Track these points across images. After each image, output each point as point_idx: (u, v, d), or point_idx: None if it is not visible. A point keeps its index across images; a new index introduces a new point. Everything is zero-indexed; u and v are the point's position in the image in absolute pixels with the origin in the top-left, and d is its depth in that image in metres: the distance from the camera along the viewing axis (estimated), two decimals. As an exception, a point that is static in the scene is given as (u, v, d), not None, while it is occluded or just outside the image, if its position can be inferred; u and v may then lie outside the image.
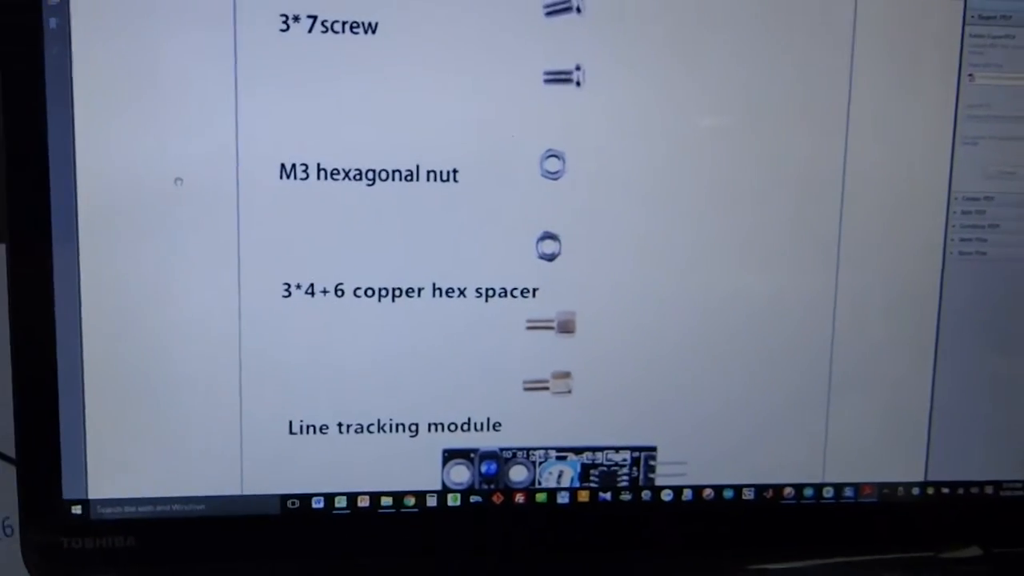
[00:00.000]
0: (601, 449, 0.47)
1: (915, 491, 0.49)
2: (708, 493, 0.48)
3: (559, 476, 0.47)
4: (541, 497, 0.47)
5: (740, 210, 0.45)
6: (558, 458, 0.47)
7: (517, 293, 0.45)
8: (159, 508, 0.44)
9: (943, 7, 0.45)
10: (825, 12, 0.45)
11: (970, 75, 0.46)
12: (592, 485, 0.47)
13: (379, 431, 0.45)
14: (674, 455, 0.47)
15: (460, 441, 0.46)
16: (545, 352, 0.45)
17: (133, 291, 0.43)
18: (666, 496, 0.48)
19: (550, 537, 0.48)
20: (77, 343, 0.42)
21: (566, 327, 0.45)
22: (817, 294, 0.47)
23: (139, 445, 0.44)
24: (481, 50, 0.43)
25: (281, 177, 0.42)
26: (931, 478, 0.49)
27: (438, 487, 0.46)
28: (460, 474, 0.46)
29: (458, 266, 0.45)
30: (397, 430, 0.45)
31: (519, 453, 0.46)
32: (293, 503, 0.45)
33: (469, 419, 0.46)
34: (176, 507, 0.44)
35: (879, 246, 0.47)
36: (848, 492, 0.49)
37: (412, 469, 0.46)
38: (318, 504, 0.45)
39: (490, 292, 0.44)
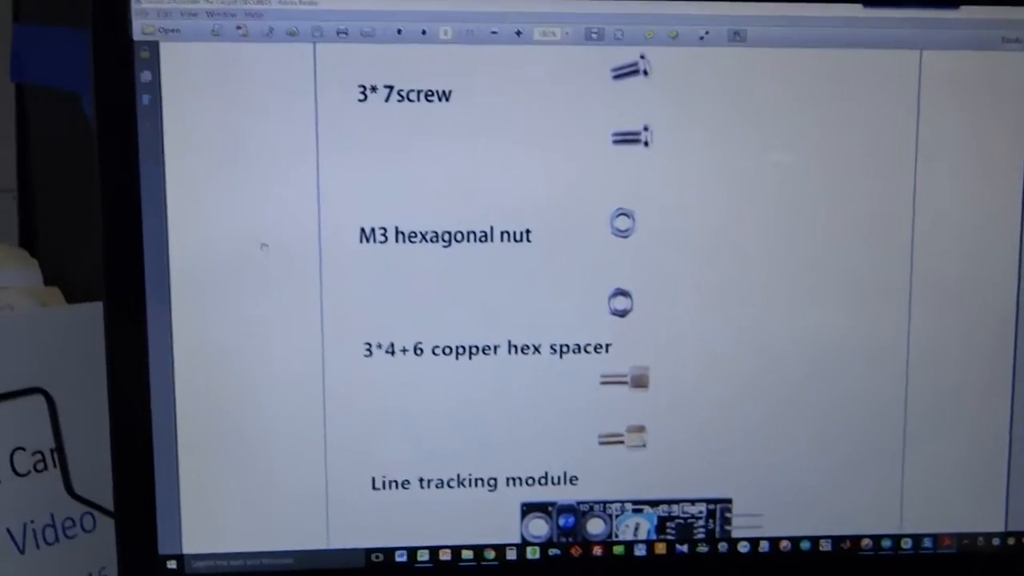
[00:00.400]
0: (677, 502, 0.47)
1: (995, 541, 0.48)
2: (785, 545, 0.48)
3: (636, 529, 0.47)
4: (619, 550, 0.47)
5: (810, 264, 0.46)
6: (634, 511, 0.47)
7: (591, 349, 0.46)
8: (249, 562, 0.46)
9: (1009, 60, 0.45)
10: (890, 69, 0.45)
11: (1039, 125, 0.46)
12: (669, 538, 0.47)
13: (459, 486, 0.46)
14: (750, 507, 0.48)
15: (538, 495, 0.47)
16: (619, 406, 0.46)
17: (222, 351, 0.44)
18: (743, 548, 0.48)
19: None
20: (171, 401, 0.44)
21: (640, 382, 0.46)
22: (890, 343, 0.47)
23: (230, 501, 0.45)
24: (551, 114, 0.44)
25: (361, 241, 0.44)
26: (1012, 528, 0.48)
27: (517, 540, 0.46)
28: (539, 527, 0.47)
29: (533, 323, 0.46)
30: (476, 484, 0.46)
31: (596, 506, 0.47)
32: (377, 556, 0.46)
33: (546, 473, 0.47)
34: (265, 561, 0.46)
35: (952, 293, 0.47)
36: (927, 543, 0.49)
37: (492, 522, 0.47)
38: (401, 557, 0.46)
39: (564, 348, 0.45)
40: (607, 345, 0.45)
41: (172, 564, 0.46)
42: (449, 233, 0.44)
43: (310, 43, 0.43)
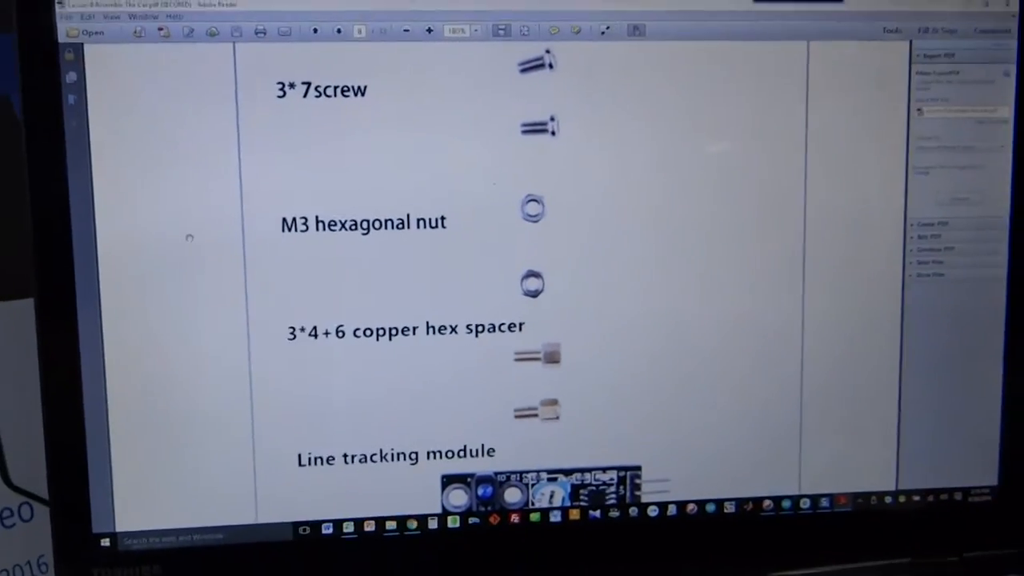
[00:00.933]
0: (589, 470, 0.56)
1: (888, 499, 0.58)
2: (692, 508, 0.57)
3: (551, 496, 0.55)
4: (535, 517, 0.56)
5: (708, 243, 0.54)
6: (549, 480, 0.55)
7: (505, 328, 0.54)
8: (181, 538, 0.53)
9: (890, 49, 0.54)
10: (779, 58, 0.53)
11: (919, 109, 0.55)
12: (582, 504, 0.56)
13: (382, 460, 0.54)
14: (658, 473, 0.56)
15: (457, 467, 0.55)
16: (533, 382, 0.54)
17: (152, 339, 0.51)
18: (652, 512, 0.56)
19: (546, 555, 0.56)
20: (102, 388, 0.51)
21: (552, 358, 0.54)
22: (786, 318, 0.55)
23: (162, 481, 0.53)
24: (462, 107, 0.52)
25: (283, 230, 0.51)
26: (902, 487, 0.58)
27: (438, 510, 0.55)
28: (459, 498, 0.55)
29: (449, 305, 0.53)
30: (398, 459, 0.54)
31: (512, 476, 0.55)
32: (304, 530, 0.54)
33: (465, 446, 0.55)
34: (196, 537, 0.53)
35: (842, 272, 0.55)
36: (824, 503, 0.57)
37: (414, 494, 0.55)
38: (327, 530, 0.54)
39: (480, 328, 0.53)
40: (520, 324, 0.53)
41: (106, 542, 0.53)
42: (367, 221, 0.52)
43: (230, 43, 0.50)
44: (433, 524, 0.55)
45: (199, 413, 0.52)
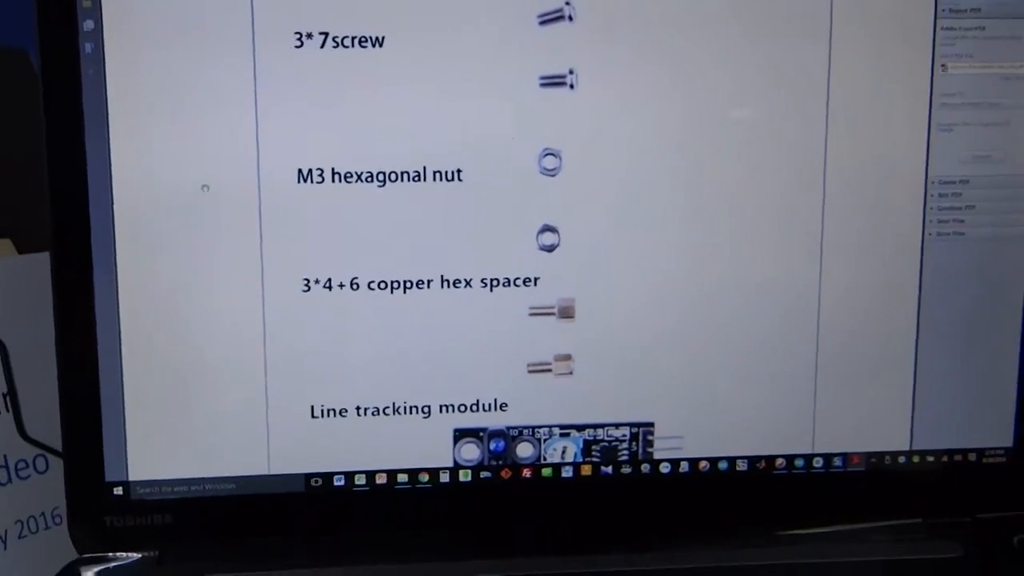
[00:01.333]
0: (602, 426, 0.60)
1: (901, 459, 0.62)
2: (704, 465, 0.61)
3: (563, 452, 0.60)
4: (547, 472, 0.60)
5: (727, 201, 0.57)
6: (562, 435, 0.60)
7: (520, 282, 0.57)
8: (193, 488, 0.57)
9: (915, 3, 0.57)
10: (802, 11, 0.56)
11: (943, 65, 0.58)
12: (594, 459, 0.60)
13: (394, 413, 0.58)
14: (671, 430, 0.60)
15: (469, 421, 0.59)
16: (547, 337, 0.58)
17: (166, 290, 0.55)
18: (664, 469, 0.60)
19: (557, 509, 0.60)
20: (116, 340, 0.55)
21: (566, 313, 0.58)
22: (803, 277, 0.59)
23: (174, 431, 0.56)
24: (480, 58, 0.55)
25: (299, 181, 0.55)
26: (916, 447, 0.62)
27: (450, 464, 0.59)
28: (470, 452, 0.59)
29: (464, 259, 0.57)
30: (411, 412, 0.58)
31: (525, 431, 0.59)
32: (316, 481, 0.58)
33: (478, 400, 0.59)
34: (208, 487, 0.57)
35: (861, 230, 0.58)
36: (837, 462, 0.62)
37: (426, 448, 0.58)
38: (339, 482, 0.58)
39: (494, 282, 0.57)
40: (535, 279, 0.57)
41: (118, 491, 0.57)
42: (383, 173, 0.55)
43: (247, -11, 0.53)
44: (444, 477, 0.59)
45: (212, 363, 0.56)
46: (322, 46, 0.53)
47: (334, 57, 0.54)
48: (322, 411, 0.57)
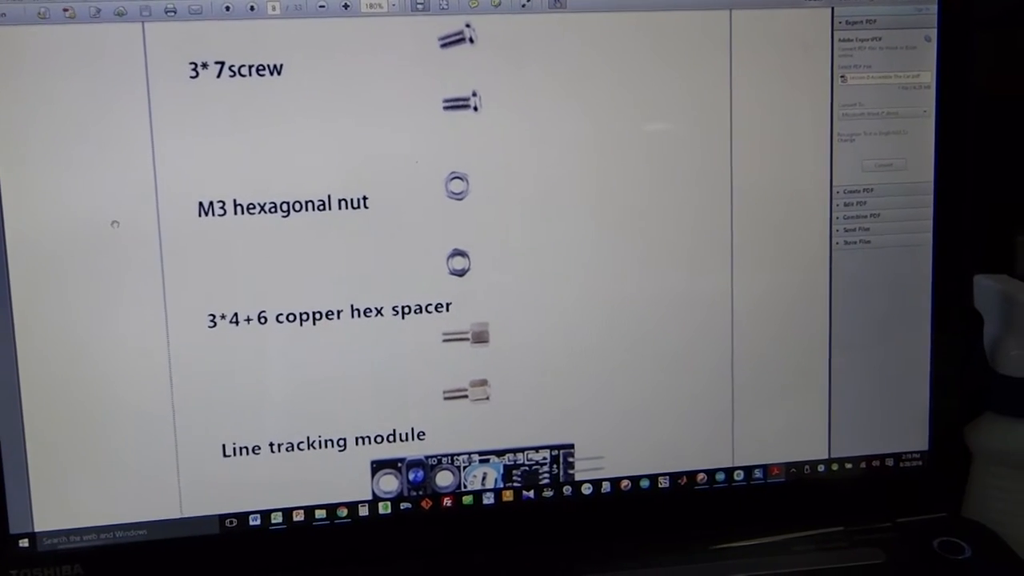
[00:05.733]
0: (521, 450, 0.59)
1: (820, 468, 0.62)
2: (626, 484, 0.60)
3: (483, 478, 0.59)
4: (468, 500, 0.59)
5: (635, 219, 0.57)
6: (481, 461, 0.59)
7: (432, 308, 0.56)
8: (103, 536, 0.55)
9: (812, 17, 0.58)
10: (703, 29, 0.56)
11: (842, 76, 0.59)
12: (515, 485, 0.59)
13: (309, 448, 0.56)
14: (591, 451, 0.60)
15: (387, 452, 0.57)
16: (462, 362, 0.57)
17: (66, 332, 0.53)
18: (586, 490, 0.60)
19: (480, 537, 0.60)
20: (15, 384, 0.53)
21: (480, 337, 0.57)
22: (715, 291, 0.59)
23: (80, 477, 0.54)
24: (382, 83, 0.54)
25: (200, 215, 0.54)
26: (835, 455, 0.62)
27: (369, 497, 0.57)
28: (389, 483, 0.58)
29: (374, 287, 0.56)
30: (326, 446, 0.57)
31: (444, 459, 0.58)
32: (231, 522, 0.56)
33: (394, 430, 0.57)
34: (119, 534, 0.55)
35: (770, 242, 0.59)
36: (757, 474, 0.61)
37: (343, 482, 0.57)
38: (255, 521, 0.57)
39: (406, 309, 0.56)
40: (447, 304, 0.56)
41: (24, 543, 0.55)
42: (287, 203, 0.54)
43: (138, 22, 0.52)
44: (364, 511, 0.58)
45: (117, 405, 0.55)
46: (219, 75, 0.52)
47: (231, 86, 0.53)
48: (234, 449, 0.55)
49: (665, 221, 0.57)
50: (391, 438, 0.57)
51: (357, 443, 0.57)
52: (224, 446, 0.55)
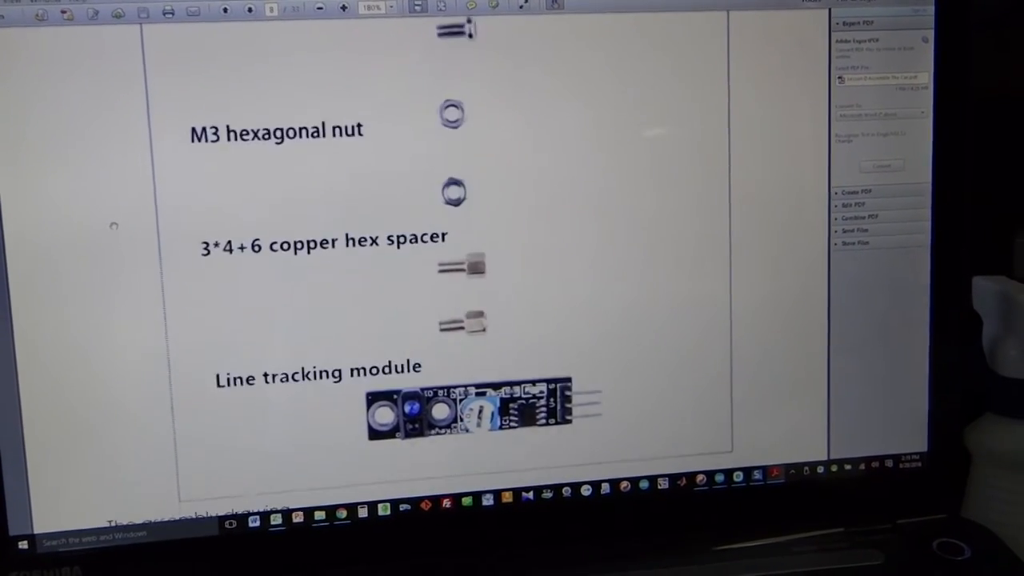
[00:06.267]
0: (518, 383, 0.58)
1: (820, 469, 0.62)
2: (625, 486, 0.60)
3: (480, 412, 0.58)
4: (467, 501, 0.59)
5: (631, 220, 0.58)
6: (478, 394, 0.58)
7: (427, 238, 0.56)
8: (102, 537, 0.55)
9: (809, 18, 0.58)
10: (700, 30, 0.57)
11: (840, 78, 0.58)
12: (512, 419, 0.58)
13: (304, 379, 0.56)
14: (588, 385, 0.59)
15: (382, 384, 0.57)
16: (458, 293, 0.56)
17: (64, 335, 0.54)
18: (585, 491, 0.60)
19: (478, 538, 0.60)
20: (14, 386, 0.53)
21: (476, 268, 0.56)
22: (713, 292, 0.60)
23: (80, 479, 0.54)
24: (376, 13, 0.54)
25: (192, 140, 0.53)
26: (834, 456, 0.62)
27: (364, 429, 0.57)
28: (385, 416, 0.57)
29: (369, 215, 0.55)
30: (321, 377, 0.56)
31: (440, 392, 0.58)
32: (231, 523, 0.56)
33: (390, 362, 0.57)
34: (119, 535, 0.55)
35: (768, 243, 0.59)
36: (757, 475, 0.61)
37: (338, 415, 0.57)
38: (254, 523, 0.56)
39: (401, 239, 0.56)
40: (443, 234, 0.56)
41: (23, 545, 0.54)
42: (281, 130, 0.54)
43: (136, 24, 0.52)
44: (363, 512, 0.58)
45: (117, 407, 0.55)
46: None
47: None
48: (228, 379, 0.55)
49: (661, 222, 0.57)
50: (386, 370, 0.57)
51: (352, 374, 0.56)
52: (219, 376, 0.55)
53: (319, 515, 0.57)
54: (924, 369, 0.61)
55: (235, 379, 0.55)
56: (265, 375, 0.55)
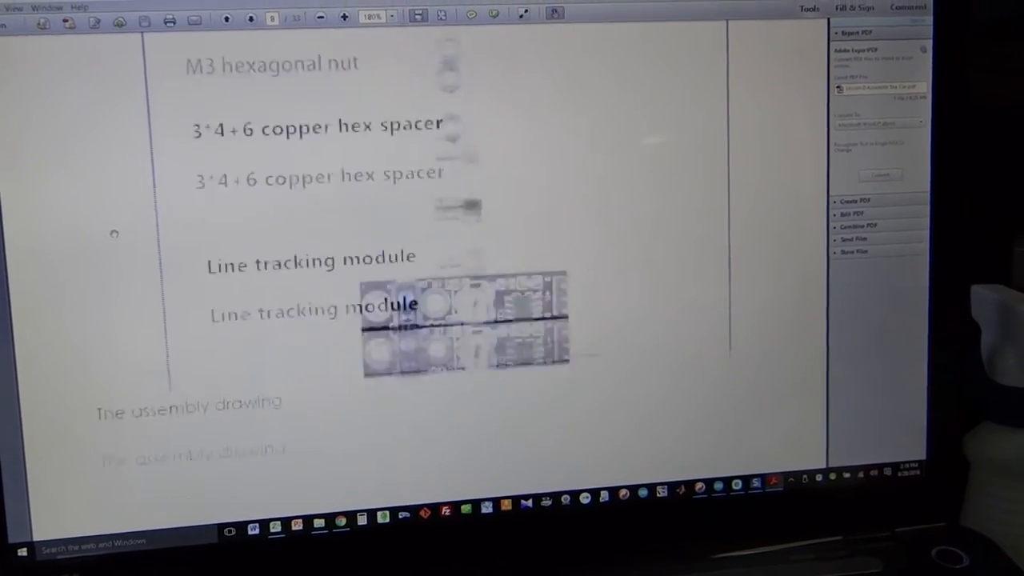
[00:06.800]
0: (513, 275, 0.58)
1: (818, 477, 0.62)
2: (624, 493, 0.60)
3: (474, 304, 0.57)
4: (466, 509, 0.59)
5: (632, 228, 0.58)
6: (472, 286, 0.57)
7: (421, 125, 0.55)
8: (101, 545, 0.55)
9: (808, 28, 0.58)
10: (700, 40, 0.57)
11: (839, 87, 0.59)
12: (507, 312, 0.58)
13: (296, 266, 0.55)
14: (584, 279, 0.59)
15: (376, 274, 0.55)
16: (454, 181, 0.55)
17: (64, 342, 0.54)
18: (584, 499, 0.60)
19: (478, 546, 0.60)
20: (14, 392, 0.53)
21: (471, 158, 0.56)
22: (712, 300, 0.60)
23: (79, 486, 0.54)
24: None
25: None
26: (833, 464, 0.62)
27: (358, 311, 0.56)
28: (378, 307, 0.57)
29: (362, 101, 0.55)
30: (313, 264, 0.55)
31: (435, 283, 0.57)
32: (230, 531, 0.56)
33: (383, 251, 0.56)
34: (118, 543, 0.55)
35: (767, 251, 0.59)
36: (756, 483, 0.61)
37: (332, 303, 0.56)
38: (254, 531, 0.57)
39: (395, 125, 0.55)
40: (437, 121, 0.56)
41: (23, 552, 0.54)
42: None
43: (138, 33, 0.52)
44: (362, 520, 0.58)
45: (118, 414, 0.54)
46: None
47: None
48: (220, 266, 0.55)
49: (660, 229, 0.58)
50: (380, 259, 0.56)
51: (345, 263, 0.55)
52: (210, 262, 0.54)
53: (318, 523, 0.57)
54: (923, 377, 0.62)
55: (226, 265, 0.54)
56: (257, 261, 0.55)
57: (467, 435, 0.58)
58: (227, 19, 0.52)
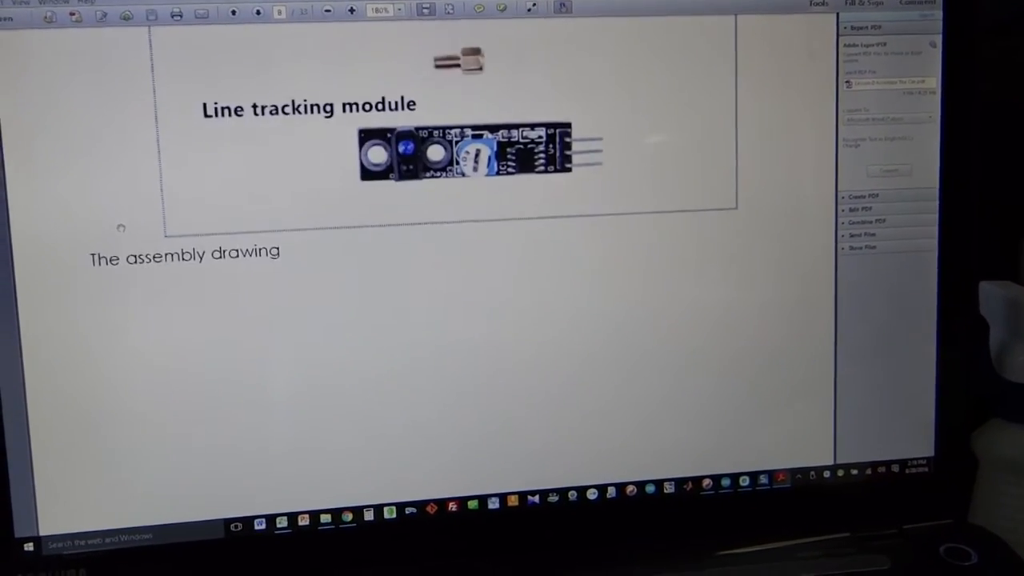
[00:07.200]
0: (516, 126, 0.57)
1: (826, 474, 0.61)
2: (631, 490, 0.60)
3: (476, 155, 0.56)
4: (473, 504, 0.58)
5: (638, 221, 0.58)
6: (474, 136, 0.55)
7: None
8: (108, 540, 0.55)
9: (817, 22, 0.57)
10: (708, 34, 0.57)
11: (847, 82, 0.58)
12: (510, 164, 0.57)
13: (294, 112, 0.54)
14: (589, 131, 0.57)
15: (375, 121, 0.54)
16: (453, 27, 0.54)
17: (70, 337, 0.54)
18: (591, 495, 0.59)
19: (484, 542, 0.60)
20: (20, 388, 0.53)
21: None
22: (720, 296, 0.59)
23: (86, 481, 0.54)
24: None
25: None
26: (840, 461, 0.61)
27: (357, 168, 0.56)
28: (378, 155, 0.55)
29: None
30: (312, 111, 0.54)
31: (435, 132, 0.55)
32: (236, 526, 0.56)
33: (383, 98, 0.54)
34: (124, 538, 0.55)
35: (775, 247, 0.59)
36: (763, 480, 0.61)
37: (329, 152, 0.54)
38: (260, 526, 0.56)
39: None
40: None
41: (29, 546, 0.54)
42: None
43: (145, 27, 0.51)
44: (369, 515, 0.58)
45: (124, 409, 0.55)
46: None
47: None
48: (216, 110, 0.54)
49: (665, 225, 0.57)
50: (380, 106, 0.54)
51: (344, 109, 0.54)
52: (205, 105, 0.53)
53: (325, 518, 0.57)
54: (931, 374, 0.61)
55: (222, 109, 0.53)
56: (255, 106, 0.54)
57: (471, 433, 0.58)
58: (234, 12, 0.51)
